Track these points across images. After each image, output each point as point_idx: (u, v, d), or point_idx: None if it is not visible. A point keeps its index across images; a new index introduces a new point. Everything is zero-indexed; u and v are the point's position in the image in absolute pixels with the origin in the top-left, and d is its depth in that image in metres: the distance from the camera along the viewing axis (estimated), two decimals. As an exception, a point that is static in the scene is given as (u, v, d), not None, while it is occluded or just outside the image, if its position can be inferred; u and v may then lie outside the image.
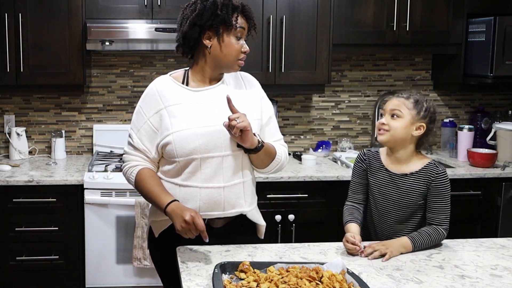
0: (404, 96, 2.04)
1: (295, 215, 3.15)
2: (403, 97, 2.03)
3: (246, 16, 1.91)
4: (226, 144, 1.88)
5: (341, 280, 1.60)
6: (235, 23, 1.88)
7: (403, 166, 2.06)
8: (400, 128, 2.00)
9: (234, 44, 1.89)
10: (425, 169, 2.04)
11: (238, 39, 1.90)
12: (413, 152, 2.07)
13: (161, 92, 1.93)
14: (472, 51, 3.51)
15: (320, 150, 3.71)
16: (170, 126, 1.88)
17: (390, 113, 2.03)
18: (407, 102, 2.01)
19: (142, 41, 3.27)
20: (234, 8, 1.88)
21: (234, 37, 1.89)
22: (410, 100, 2.02)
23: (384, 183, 2.09)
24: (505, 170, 3.29)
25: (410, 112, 2.00)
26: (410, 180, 2.04)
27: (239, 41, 1.90)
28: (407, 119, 2.00)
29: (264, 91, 2.09)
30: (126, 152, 1.98)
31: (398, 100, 2.03)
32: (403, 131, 2.00)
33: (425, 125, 2.01)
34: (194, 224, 1.73)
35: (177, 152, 1.86)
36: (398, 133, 2.01)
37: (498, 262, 1.89)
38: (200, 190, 1.88)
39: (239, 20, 1.89)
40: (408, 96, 2.03)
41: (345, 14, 3.41)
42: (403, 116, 2.00)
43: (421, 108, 2.01)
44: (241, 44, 1.91)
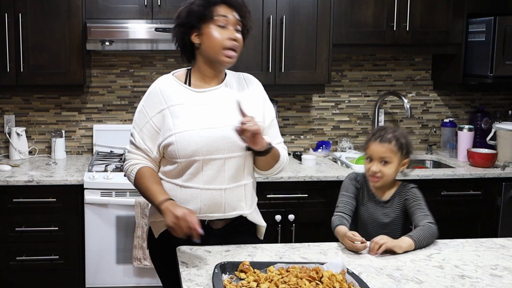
0: (386, 140, 2.15)
1: (295, 215, 3.15)
2: (386, 142, 2.14)
3: (228, 3, 1.87)
4: (228, 146, 1.87)
5: (341, 280, 1.60)
6: (212, 14, 1.85)
7: (386, 193, 2.22)
8: (392, 173, 2.16)
9: (216, 33, 1.84)
10: (399, 190, 2.21)
11: (221, 27, 1.85)
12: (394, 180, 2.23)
13: (164, 92, 1.92)
14: (472, 51, 3.51)
15: (320, 150, 3.71)
16: (172, 127, 1.87)
17: (380, 160, 2.15)
18: (392, 147, 2.14)
19: (142, 41, 3.27)
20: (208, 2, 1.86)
21: (216, 27, 1.85)
22: (392, 143, 2.14)
23: (372, 207, 2.22)
24: (505, 170, 3.29)
25: (397, 155, 2.15)
26: (391, 202, 2.20)
27: (223, 30, 1.85)
28: (396, 162, 2.15)
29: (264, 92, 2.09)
30: (128, 150, 1.97)
31: (383, 147, 2.14)
32: (394, 174, 2.17)
33: (408, 160, 2.19)
34: (186, 220, 1.70)
35: (179, 153, 1.86)
36: (390, 176, 2.17)
37: (498, 262, 1.89)
38: (201, 192, 1.88)
39: (218, 10, 1.85)
40: (389, 139, 2.15)
41: (345, 14, 3.41)
42: (392, 161, 2.15)
43: (403, 147, 2.16)
44: (225, 32, 1.85)
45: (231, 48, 1.85)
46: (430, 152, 3.79)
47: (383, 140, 2.15)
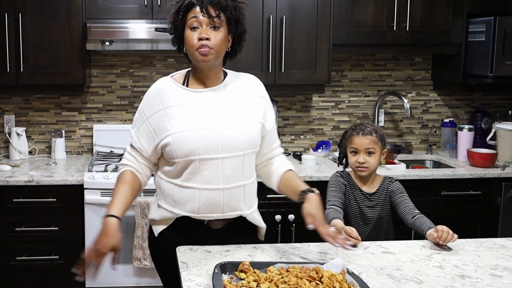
0: (368, 132, 2.33)
1: (295, 215, 3.15)
2: (369, 135, 2.33)
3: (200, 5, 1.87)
4: (225, 146, 1.87)
5: (341, 280, 1.60)
6: (185, 18, 1.87)
7: (370, 186, 2.39)
8: (377, 163, 2.35)
9: (188, 35, 1.87)
10: (383, 183, 2.39)
11: (194, 29, 1.86)
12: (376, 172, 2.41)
13: (162, 93, 1.93)
14: (472, 51, 3.51)
15: (320, 150, 3.71)
16: (169, 127, 1.88)
17: (365, 151, 2.33)
18: (374, 139, 2.33)
19: (142, 41, 3.27)
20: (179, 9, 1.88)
21: (188, 29, 1.87)
22: (374, 135, 2.33)
23: (360, 201, 2.36)
24: (505, 170, 3.29)
25: (379, 145, 2.35)
26: (377, 195, 2.37)
27: (195, 32, 1.86)
28: (378, 153, 2.35)
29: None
30: (126, 149, 2.01)
31: (367, 139, 2.33)
32: (378, 163, 2.36)
33: (386, 150, 2.41)
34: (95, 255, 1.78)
35: (176, 153, 1.87)
36: (375, 166, 2.36)
37: (498, 262, 1.89)
38: (200, 192, 1.88)
39: (189, 13, 1.87)
40: (370, 132, 2.34)
41: (345, 14, 3.42)
42: (376, 151, 2.34)
43: (382, 138, 2.36)
44: (196, 33, 1.86)
45: (201, 47, 1.85)
46: (430, 152, 3.79)
47: (365, 133, 2.34)
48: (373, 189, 2.38)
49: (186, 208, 1.90)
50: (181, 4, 1.89)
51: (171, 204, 1.93)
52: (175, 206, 1.92)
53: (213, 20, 1.86)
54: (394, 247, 2.00)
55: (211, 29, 1.86)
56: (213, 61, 1.88)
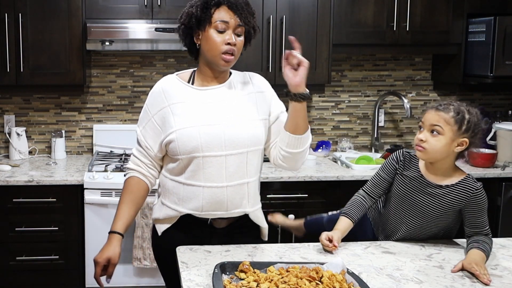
0: (444, 109, 1.90)
1: (295, 215, 3.15)
2: (443, 111, 1.90)
3: (230, 7, 1.87)
4: (228, 143, 1.87)
5: (341, 280, 1.60)
6: (211, 17, 1.86)
7: (440, 177, 1.97)
8: (440, 147, 1.89)
9: (214, 38, 1.86)
10: (462, 183, 1.95)
11: (220, 32, 1.86)
12: (452, 165, 1.97)
13: (166, 91, 1.94)
14: (472, 51, 3.51)
15: (320, 150, 3.71)
16: (173, 124, 1.89)
17: (430, 129, 1.91)
18: (448, 117, 1.88)
19: (142, 41, 3.27)
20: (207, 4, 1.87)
21: (215, 31, 1.86)
22: (450, 114, 1.89)
23: (416, 190, 2.00)
24: (505, 170, 3.29)
25: (451, 128, 1.88)
26: (444, 192, 1.96)
27: (222, 34, 1.86)
28: (448, 136, 1.88)
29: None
30: (133, 149, 2.02)
31: (438, 115, 1.90)
32: (443, 149, 1.90)
33: (467, 140, 1.89)
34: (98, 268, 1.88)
35: (179, 150, 1.87)
36: (438, 151, 1.90)
37: (498, 262, 1.89)
38: (203, 189, 1.89)
39: (217, 14, 1.86)
40: (449, 109, 1.90)
41: (345, 14, 3.42)
42: (444, 133, 1.88)
43: (462, 122, 1.88)
44: (224, 37, 1.86)
45: (228, 52, 1.86)
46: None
47: (440, 108, 1.91)
48: (441, 182, 1.96)
49: (190, 205, 1.90)
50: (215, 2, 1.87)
51: (175, 202, 1.93)
52: (179, 204, 1.92)
53: (239, 27, 1.88)
54: (394, 247, 2.00)
55: (235, 35, 1.88)
56: (231, 65, 1.92)
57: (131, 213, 1.95)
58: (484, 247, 1.86)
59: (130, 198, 1.96)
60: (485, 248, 1.86)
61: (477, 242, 1.89)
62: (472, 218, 1.94)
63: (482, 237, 1.92)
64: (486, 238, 1.92)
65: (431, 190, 1.97)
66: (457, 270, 1.78)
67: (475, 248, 1.85)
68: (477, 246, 1.86)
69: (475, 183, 1.94)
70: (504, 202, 3.28)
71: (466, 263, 1.78)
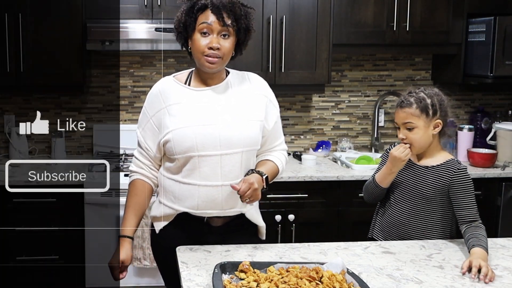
0: (407, 104, 2.06)
1: (295, 215, 3.15)
2: (406, 107, 2.05)
3: (213, 11, 1.87)
4: (223, 143, 1.88)
5: (341, 280, 1.60)
6: (195, 21, 1.87)
7: (427, 159, 2.11)
8: (420, 137, 2.05)
9: (198, 40, 1.88)
10: (446, 164, 2.08)
11: (205, 34, 1.87)
12: (437, 146, 2.11)
13: (163, 92, 1.96)
14: (472, 51, 3.51)
15: (320, 150, 3.71)
16: (169, 125, 1.91)
17: (404, 127, 2.07)
18: (413, 111, 2.04)
19: (142, 41, 3.27)
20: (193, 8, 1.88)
21: (199, 34, 1.88)
22: (413, 106, 2.04)
23: (407, 174, 2.13)
24: (505, 170, 3.29)
25: (420, 118, 2.04)
26: (431, 172, 2.08)
27: (206, 37, 1.87)
28: (421, 126, 2.05)
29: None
30: (135, 151, 2.05)
31: (404, 112, 2.06)
32: (424, 139, 2.06)
33: (440, 120, 2.06)
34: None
35: (175, 150, 1.89)
36: (420, 142, 2.06)
37: (498, 262, 1.89)
38: (199, 188, 1.90)
39: (201, 16, 1.87)
40: (410, 102, 2.05)
41: (345, 14, 3.41)
42: (417, 125, 2.05)
43: (427, 108, 2.04)
44: (207, 40, 1.87)
45: (210, 55, 1.87)
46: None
47: (404, 105, 2.07)
48: (427, 163, 2.10)
49: (186, 204, 1.92)
50: (194, 4, 1.89)
51: (171, 200, 1.95)
52: (175, 202, 1.94)
53: (226, 29, 1.87)
54: (394, 247, 2.00)
55: (221, 37, 1.88)
56: (219, 68, 1.91)
57: (138, 216, 2.00)
58: (484, 243, 1.89)
59: (136, 201, 2.00)
60: (485, 244, 1.89)
61: (476, 237, 1.92)
62: (459, 200, 2.03)
63: (478, 230, 1.95)
64: (480, 230, 1.96)
65: (419, 172, 2.11)
66: (466, 268, 1.79)
67: (477, 247, 1.88)
68: (478, 243, 1.89)
69: (459, 164, 2.08)
70: (504, 202, 3.28)
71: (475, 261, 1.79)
